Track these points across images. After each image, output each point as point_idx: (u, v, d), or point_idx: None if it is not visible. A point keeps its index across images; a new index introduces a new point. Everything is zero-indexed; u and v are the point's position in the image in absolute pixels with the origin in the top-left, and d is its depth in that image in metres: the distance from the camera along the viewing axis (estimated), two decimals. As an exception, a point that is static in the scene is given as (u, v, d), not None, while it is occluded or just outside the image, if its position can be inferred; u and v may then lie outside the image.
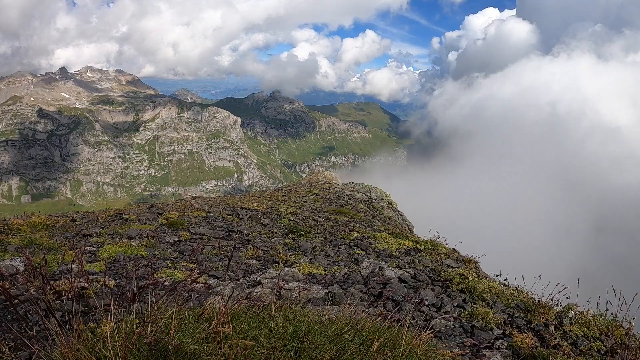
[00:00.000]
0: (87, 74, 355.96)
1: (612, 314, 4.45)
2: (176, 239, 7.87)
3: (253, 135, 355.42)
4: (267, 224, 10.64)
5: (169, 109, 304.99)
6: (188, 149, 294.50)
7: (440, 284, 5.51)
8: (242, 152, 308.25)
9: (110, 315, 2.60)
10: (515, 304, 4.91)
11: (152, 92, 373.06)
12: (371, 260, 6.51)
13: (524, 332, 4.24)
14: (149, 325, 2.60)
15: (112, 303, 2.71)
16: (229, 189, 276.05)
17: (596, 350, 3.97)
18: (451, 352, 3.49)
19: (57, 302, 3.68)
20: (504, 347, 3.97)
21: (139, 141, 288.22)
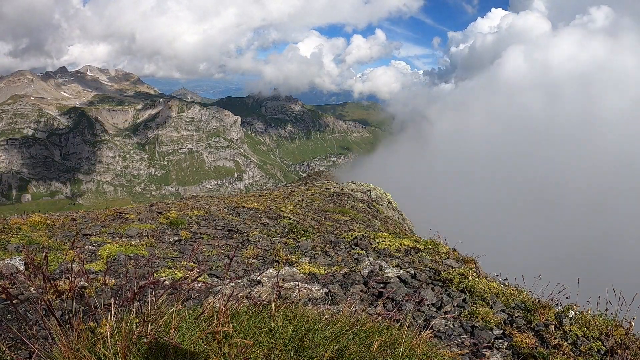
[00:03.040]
0: (88, 73, 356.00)
1: (612, 314, 4.45)
2: (176, 238, 7.87)
3: (253, 134, 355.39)
4: (267, 224, 10.64)
5: (169, 108, 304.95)
6: (188, 149, 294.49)
7: (440, 284, 5.51)
8: (242, 151, 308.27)
9: (110, 315, 2.59)
10: (515, 304, 4.91)
11: (152, 91, 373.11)
12: (371, 259, 6.51)
13: (524, 332, 4.24)
14: (149, 325, 2.60)
15: (112, 302, 2.71)
16: (228, 188, 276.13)
17: (596, 350, 3.97)
18: (451, 351, 3.49)
19: (57, 301, 3.68)
20: (504, 346, 3.97)
21: (139, 140, 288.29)
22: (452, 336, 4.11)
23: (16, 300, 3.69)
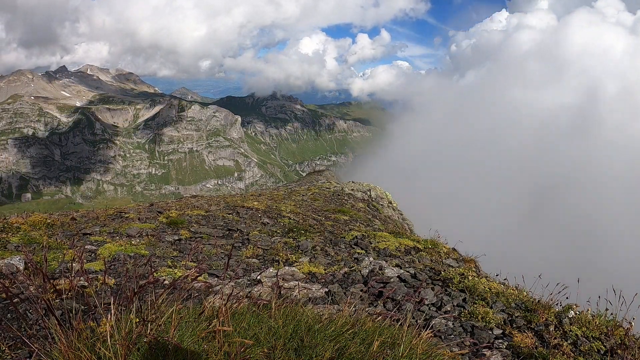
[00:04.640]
0: (88, 72, 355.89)
1: (612, 314, 4.45)
2: (176, 237, 7.87)
3: (253, 134, 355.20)
4: (267, 223, 10.64)
5: (170, 107, 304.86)
6: (188, 148, 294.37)
7: (440, 284, 5.51)
8: (242, 151, 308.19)
9: (110, 314, 2.59)
10: (515, 304, 4.91)
11: (152, 90, 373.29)
12: (371, 259, 6.51)
13: (524, 331, 4.24)
14: (149, 324, 2.60)
15: (112, 302, 2.71)
16: (228, 187, 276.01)
17: (596, 350, 3.96)
18: (451, 351, 3.49)
19: (57, 300, 3.68)
20: (504, 346, 3.97)
21: (139, 140, 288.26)
22: (452, 336, 4.12)
23: (16, 299, 3.69)
